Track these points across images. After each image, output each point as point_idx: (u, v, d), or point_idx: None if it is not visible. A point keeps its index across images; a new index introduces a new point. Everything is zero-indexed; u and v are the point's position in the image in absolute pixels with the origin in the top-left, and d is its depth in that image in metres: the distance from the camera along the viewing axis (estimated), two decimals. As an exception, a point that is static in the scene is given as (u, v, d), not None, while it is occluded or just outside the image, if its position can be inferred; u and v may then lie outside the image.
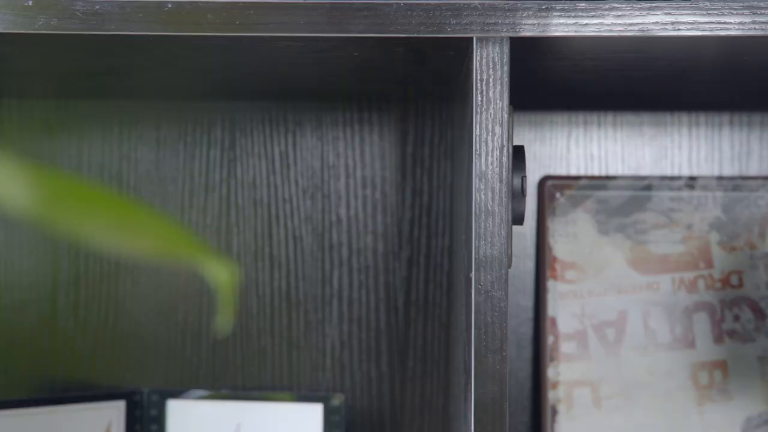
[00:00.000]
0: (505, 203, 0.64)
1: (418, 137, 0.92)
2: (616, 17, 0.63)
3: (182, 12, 0.63)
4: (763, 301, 0.86)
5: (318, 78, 0.82)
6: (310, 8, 0.63)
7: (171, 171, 0.92)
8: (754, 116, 0.91)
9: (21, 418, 0.85)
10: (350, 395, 0.92)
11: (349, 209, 0.92)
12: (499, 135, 0.64)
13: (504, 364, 0.64)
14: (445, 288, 0.91)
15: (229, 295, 0.29)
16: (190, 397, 0.89)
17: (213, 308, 0.92)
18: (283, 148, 0.92)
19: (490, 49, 0.63)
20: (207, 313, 0.92)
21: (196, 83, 0.86)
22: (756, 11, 0.63)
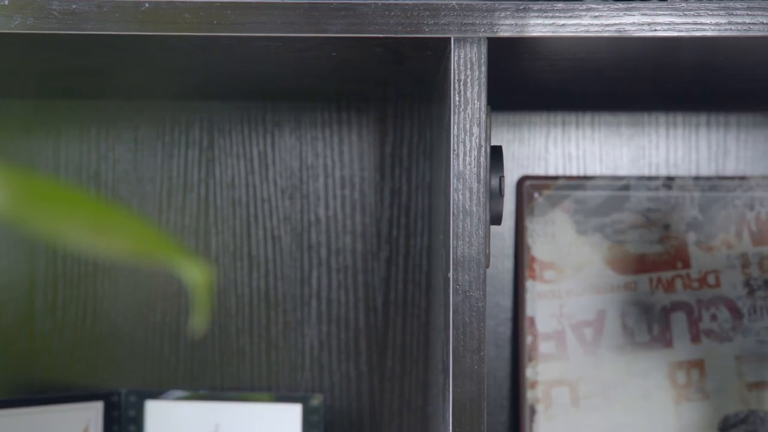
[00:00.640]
0: (483, 203, 0.64)
1: (396, 137, 0.92)
2: (593, 18, 0.64)
3: (159, 12, 0.63)
4: (740, 301, 0.87)
5: (296, 78, 0.82)
6: (287, 8, 0.63)
7: (149, 171, 0.92)
8: (731, 116, 0.92)
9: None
10: (329, 395, 0.92)
11: (328, 209, 0.92)
12: (477, 135, 0.64)
13: (482, 363, 0.64)
14: (424, 288, 0.92)
15: (204, 296, 0.29)
16: (169, 397, 0.89)
17: (191, 309, 0.92)
18: (261, 148, 0.92)
19: (467, 50, 0.64)
20: (185, 313, 0.92)
21: (174, 83, 0.85)
22: (732, 12, 0.63)
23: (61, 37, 0.64)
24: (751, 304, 0.87)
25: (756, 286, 0.87)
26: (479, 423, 0.64)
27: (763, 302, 0.87)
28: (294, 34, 0.64)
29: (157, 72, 0.79)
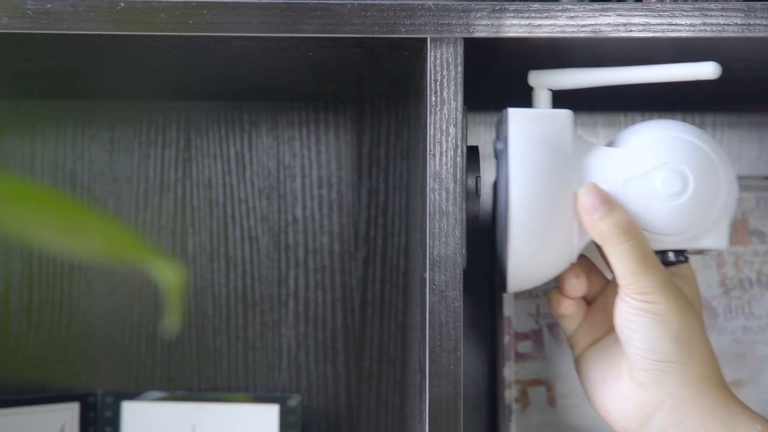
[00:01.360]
0: (459, 203, 0.64)
1: (374, 137, 0.92)
2: (569, 18, 0.64)
3: (135, 11, 0.63)
4: (716, 300, 0.87)
5: (273, 78, 0.82)
6: (263, 8, 0.63)
7: (125, 171, 0.92)
8: (707, 117, 0.92)
9: (-27, 421, 0.84)
10: (306, 395, 0.92)
11: (305, 209, 0.92)
12: (453, 135, 0.64)
13: (458, 363, 0.64)
14: (401, 288, 0.92)
15: (177, 296, 0.29)
16: (145, 398, 0.88)
17: (164, 309, 0.91)
18: (238, 148, 0.92)
19: (443, 50, 0.64)
20: (162, 314, 0.92)
21: (150, 83, 0.85)
22: (706, 13, 0.63)
23: (36, 36, 0.64)
24: (727, 304, 0.87)
25: (731, 286, 0.87)
26: (456, 423, 0.64)
27: (739, 302, 0.87)
28: (270, 34, 0.64)
29: (133, 72, 0.79)
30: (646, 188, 0.67)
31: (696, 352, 0.66)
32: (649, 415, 0.66)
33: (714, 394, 0.66)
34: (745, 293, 0.87)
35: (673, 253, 0.68)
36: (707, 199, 0.67)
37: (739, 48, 0.67)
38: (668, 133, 0.68)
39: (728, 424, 0.65)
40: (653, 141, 0.68)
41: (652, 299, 0.65)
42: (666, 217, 0.67)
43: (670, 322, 0.65)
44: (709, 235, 0.67)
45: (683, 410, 0.65)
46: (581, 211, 0.65)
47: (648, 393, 0.66)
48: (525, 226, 0.65)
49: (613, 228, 0.65)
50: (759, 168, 0.92)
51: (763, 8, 0.63)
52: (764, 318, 0.87)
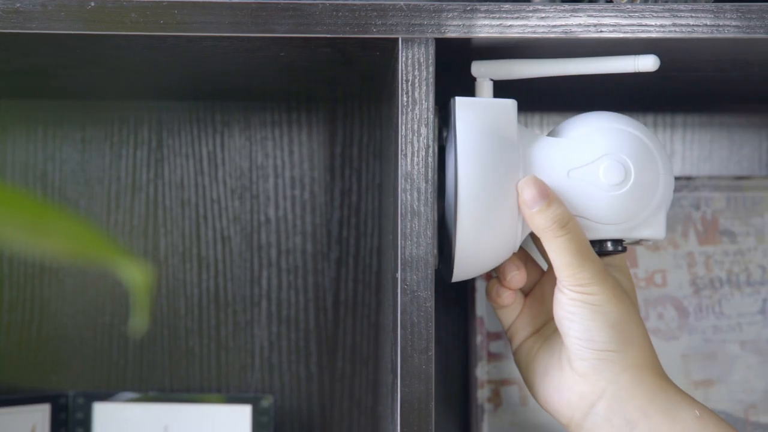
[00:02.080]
0: (431, 203, 0.64)
1: (346, 137, 0.92)
2: (540, 19, 0.64)
3: (105, 11, 0.63)
4: (686, 300, 0.88)
5: (245, 78, 0.82)
6: (235, 8, 0.63)
7: (97, 171, 0.91)
8: (677, 117, 0.93)
9: (-57, 423, 0.84)
10: (279, 396, 0.91)
11: (278, 210, 0.92)
12: (425, 135, 0.64)
13: (430, 363, 0.64)
14: (374, 288, 0.92)
15: (144, 297, 0.29)
16: (117, 399, 0.88)
17: (131, 309, 0.91)
18: (211, 148, 0.92)
19: (415, 50, 0.64)
20: (132, 314, 0.91)
21: (121, 83, 0.85)
22: (676, 14, 0.64)
23: (6, 36, 0.63)
24: (697, 303, 0.88)
25: (702, 285, 0.88)
26: (427, 422, 0.64)
27: (709, 301, 0.88)
28: (241, 34, 0.64)
29: (104, 71, 0.79)
30: (588, 178, 0.68)
31: (633, 340, 0.67)
32: (591, 404, 0.67)
33: (653, 380, 0.67)
34: (715, 293, 0.88)
35: (611, 242, 0.69)
36: (647, 190, 0.68)
37: (708, 49, 0.67)
38: (610, 125, 0.69)
39: (668, 409, 0.66)
40: (595, 132, 0.69)
41: (590, 290, 0.66)
42: (607, 206, 0.68)
43: (608, 312, 0.66)
44: (648, 226, 0.69)
45: (624, 398, 0.66)
46: (521, 204, 0.66)
47: (589, 382, 0.67)
48: (472, 214, 0.66)
49: (551, 221, 0.66)
50: (729, 168, 0.93)
51: (732, 9, 0.63)
52: (734, 317, 0.88)
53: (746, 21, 0.63)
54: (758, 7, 0.63)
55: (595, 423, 0.67)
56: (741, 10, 0.63)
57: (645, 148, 0.68)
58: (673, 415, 0.66)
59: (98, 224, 0.91)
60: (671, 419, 0.66)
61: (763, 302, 0.88)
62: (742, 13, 0.63)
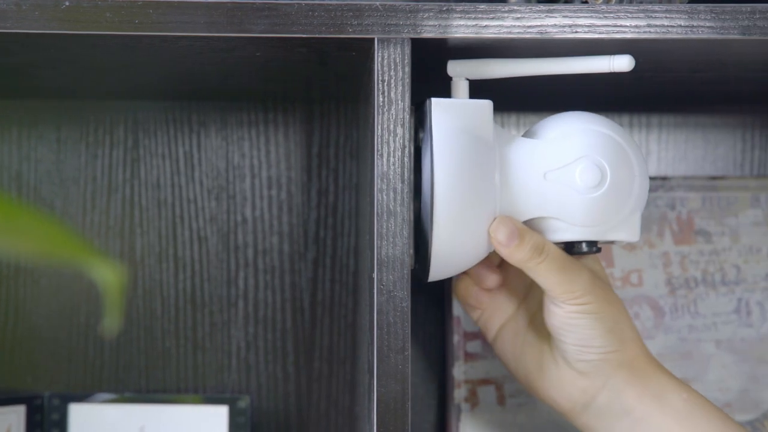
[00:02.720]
0: (407, 203, 0.64)
1: (323, 137, 0.92)
2: (515, 19, 0.64)
3: (80, 10, 0.63)
4: (662, 299, 0.88)
5: (221, 78, 0.82)
6: (210, 8, 0.63)
7: (72, 172, 0.91)
8: (653, 117, 0.93)
9: None
10: (256, 396, 0.91)
11: (255, 210, 0.92)
12: (401, 135, 0.64)
13: (406, 363, 0.64)
14: (351, 288, 0.92)
15: (116, 298, 0.29)
16: (93, 400, 0.88)
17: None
18: (187, 148, 0.92)
19: (391, 50, 0.64)
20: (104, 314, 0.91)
21: (97, 82, 0.84)
22: (650, 15, 0.64)
23: (-21, 35, 0.63)
24: (673, 303, 0.88)
25: (677, 285, 0.88)
26: (404, 422, 0.64)
27: (684, 301, 0.88)
28: (217, 33, 0.63)
29: (79, 71, 0.78)
30: (564, 180, 0.68)
31: (627, 337, 0.71)
32: (592, 397, 0.71)
33: (646, 369, 0.71)
34: (690, 292, 0.88)
35: (585, 243, 0.70)
36: (622, 192, 0.68)
37: (683, 49, 0.67)
38: (586, 126, 0.69)
39: (658, 395, 0.71)
40: (571, 133, 0.69)
41: (584, 300, 0.69)
42: (583, 209, 0.68)
43: (605, 318, 0.70)
44: (622, 228, 0.69)
45: (622, 388, 0.71)
46: (497, 245, 0.68)
47: (590, 379, 0.71)
48: (448, 214, 0.66)
49: (529, 252, 0.68)
50: (704, 168, 0.93)
51: (706, 10, 0.64)
52: (709, 317, 0.88)
53: (720, 22, 0.64)
54: (731, 8, 0.64)
55: (596, 412, 0.71)
56: (715, 11, 0.64)
57: (621, 150, 0.69)
58: (664, 399, 0.71)
59: (74, 225, 0.91)
60: (661, 404, 0.70)
61: (737, 302, 0.88)
62: (716, 14, 0.64)
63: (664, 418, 0.70)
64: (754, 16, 0.64)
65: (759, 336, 0.88)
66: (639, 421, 0.71)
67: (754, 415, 0.88)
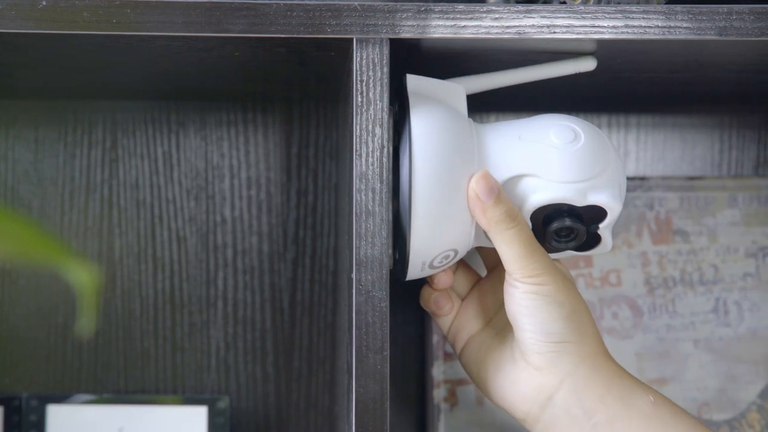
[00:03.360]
0: (385, 203, 0.64)
1: (302, 138, 0.92)
2: (494, 20, 0.64)
3: (57, 10, 0.62)
4: (641, 299, 0.88)
5: (200, 78, 0.81)
6: (188, 7, 0.63)
7: (50, 172, 0.91)
8: (631, 118, 0.93)
9: None
10: (235, 396, 0.91)
11: (234, 210, 0.91)
12: (380, 136, 0.64)
13: (385, 363, 0.64)
14: (331, 288, 0.92)
15: (91, 299, 0.29)
16: (72, 401, 0.87)
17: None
18: (166, 148, 0.91)
19: (369, 50, 0.64)
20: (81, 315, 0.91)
21: (75, 82, 0.84)
22: (628, 15, 0.64)
23: (-44, 34, 0.63)
24: (651, 302, 0.88)
25: (656, 285, 0.88)
26: (382, 422, 0.64)
27: (663, 300, 0.88)
28: (195, 33, 0.63)
29: (57, 71, 0.78)
30: (540, 139, 0.68)
31: (586, 330, 0.68)
32: (549, 396, 0.67)
33: (608, 369, 0.68)
34: (669, 292, 0.89)
35: (569, 218, 0.68)
36: (598, 151, 0.68)
37: (660, 50, 0.68)
38: (560, 119, 0.70)
39: (624, 397, 0.67)
40: (543, 116, 0.70)
41: (541, 281, 0.67)
42: (559, 162, 0.67)
43: (562, 303, 0.67)
44: (602, 191, 0.68)
45: (581, 388, 0.67)
46: (473, 197, 0.66)
47: (546, 375, 0.67)
48: (427, 213, 0.66)
49: (503, 213, 0.66)
50: (682, 168, 0.94)
51: (683, 11, 0.64)
52: (688, 316, 0.89)
53: (697, 23, 0.64)
54: (708, 9, 0.64)
55: (553, 415, 0.67)
56: (692, 11, 0.64)
57: (593, 127, 0.69)
58: (629, 402, 0.67)
59: (52, 225, 0.90)
60: (627, 406, 0.66)
61: (715, 301, 0.89)
62: (693, 14, 0.64)
63: (630, 422, 0.66)
64: (731, 17, 0.64)
65: (736, 335, 0.89)
66: (602, 426, 0.66)
67: (731, 414, 0.88)
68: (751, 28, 0.64)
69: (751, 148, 0.94)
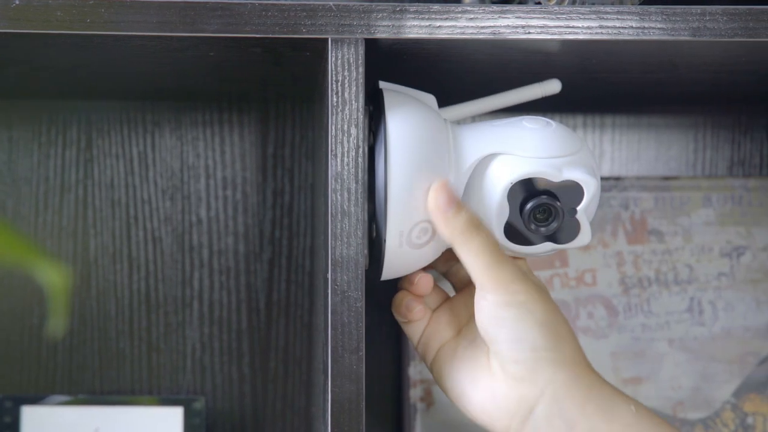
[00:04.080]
0: (361, 204, 0.64)
1: (278, 138, 0.91)
2: (469, 20, 0.64)
3: (30, 9, 0.62)
4: (616, 299, 0.89)
5: (176, 78, 0.81)
6: (162, 7, 0.63)
7: (25, 172, 0.90)
8: (606, 118, 0.94)
9: None
10: (211, 397, 0.91)
11: (210, 210, 0.91)
12: (355, 136, 0.64)
13: (361, 363, 0.64)
14: (307, 288, 0.91)
15: (61, 299, 0.29)
16: (47, 403, 0.87)
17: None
18: (141, 148, 0.91)
19: (345, 50, 0.64)
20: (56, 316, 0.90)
21: (50, 82, 0.84)
22: (602, 16, 0.65)
23: (-72, 34, 0.62)
24: (626, 302, 0.89)
25: (630, 284, 0.89)
26: (358, 422, 0.64)
27: (638, 300, 0.89)
28: (169, 33, 0.63)
29: (31, 70, 0.78)
30: (513, 125, 0.69)
31: (563, 337, 0.66)
32: (530, 408, 0.65)
33: (588, 377, 0.66)
34: (644, 291, 0.89)
35: (546, 194, 0.67)
36: (570, 136, 0.69)
37: (634, 50, 0.68)
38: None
39: (605, 407, 0.65)
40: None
41: (513, 289, 0.65)
42: (532, 138, 0.68)
43: (536, 310, 0.65)
44: (578, 168, 0.67)
45: (562, 398, 0.65)
46: (435, 209, 0.65)
47: (526, 385, 0.65)
48: (402, 212, 0.66)
49: (466, 222, 0.65)
50: (657, 168, 0.94)
51: (657, 12, 0.64)
52: (663, 316, 0.89)
53: (670, 23, 0.64)
54: (682, 10, 0.64)
55: (535, 427, 0.65)
56: (665, 12, 0.64)
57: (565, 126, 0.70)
58: (611, 412, 0.65)
59: (26, 225, 0.90)
60: (609, 417, 0.65)
61: (690, 301, 0.89)
62: (667, 15, 0.64)
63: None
64: (704, 17, 0.64)
65: (711, 335, 0.89)
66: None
67: (706, 413, 0.89)
68: (724, 29, 0.64)
69: (725, 149, 0.95)
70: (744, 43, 0.65)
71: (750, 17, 0.64)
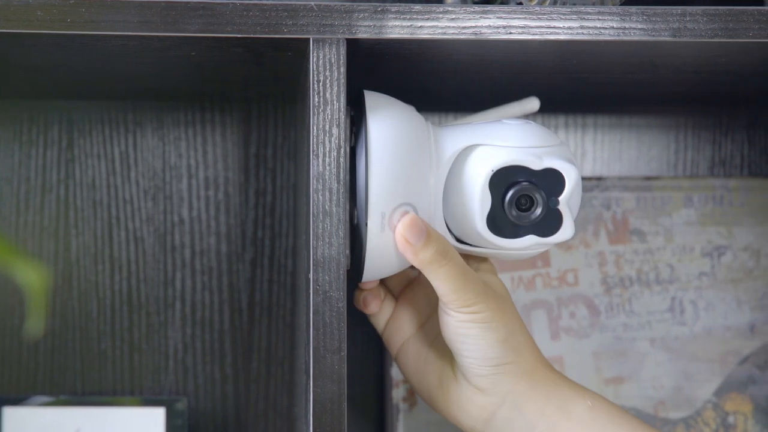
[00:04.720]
0: (342, 204, 0.64)
1: (261, 138, 0.91)
2: (450, 20, 0.64)
3: (10, 9, 0.62)
4: (598, 298, 0.89)
5: (157, 77, 0.81)
6: (143, 6, 0.63)
7: (5, 172, 0.90)
8: (588, 118, 0.94)
9: None
10: (193, 398, 0.91)
11: (192, 210, 0.91)
12: (336, 136, 0.64)
13: (342, 363, 0.64)
14: (289, 289, 0.91)
15: (39, 299, 0.29)
16: (28, 403, 0.87)
17: (50, 311, 0.90)
18: (123, 148, 0.91)
19: (326, 50, 0.64)
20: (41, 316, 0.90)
21: (31, 82, 0.83)
22: (583, 17, 0.65)
23: None
24: (608, 302, 0.89)
25: (612, 284, 0.89)
26: (340, 423, 0.64)
27: (620, 299, 0.89)
28: (150, 33, 0.63)
29: (12, 70, 0.77)
30: (493, 123, 0.70)
31: (523, 348, 0.70)
32: (492, 413, 0.70)
33: (547, 381, 0.70)
34: (625, 291, 0.89)
35: (527, 182, 0.68)
36: (548, 132, 0.70)
37: (615, 51, 0.68)
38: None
39: (562, 406, 0.70)
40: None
41: (475, 309, 0.68)
42: (512, 130, 0.69)
43: (497, 328, 0.68)
44: (558, 157, 0.68)
45: (522, 403, 0.70)
46: (403, 242, 0.67)
47: (489, 395, 0.70)
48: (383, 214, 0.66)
49: (434, 253, 0.67)
50: (639, 168, 0.94)
51: (638, 12, 0.65)
52: (644, 315, 0.89)
53: (651, 24, 0.65)
54: (662, 10, 0.65)
55: (497, 428, 0.70)
56: (646, 13, 0.65)
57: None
58: (568, 410, 0.69)
59: (7, 225, 0.90)
60: (566, 414, 0.69)
61: (671, 300, 0.90)
62: (647, 16, 0.65)
63: (569, 430, 0.69)
64: (684, 18, 0.65)
65: (692, 334, 0.90)
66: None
67: (687, 412, 0.89)
68: (704, 30, 0.65)
69: (706, 149, 0.95)
70: (724, 43, 0.65)
71: (730, 18, 0.65)
